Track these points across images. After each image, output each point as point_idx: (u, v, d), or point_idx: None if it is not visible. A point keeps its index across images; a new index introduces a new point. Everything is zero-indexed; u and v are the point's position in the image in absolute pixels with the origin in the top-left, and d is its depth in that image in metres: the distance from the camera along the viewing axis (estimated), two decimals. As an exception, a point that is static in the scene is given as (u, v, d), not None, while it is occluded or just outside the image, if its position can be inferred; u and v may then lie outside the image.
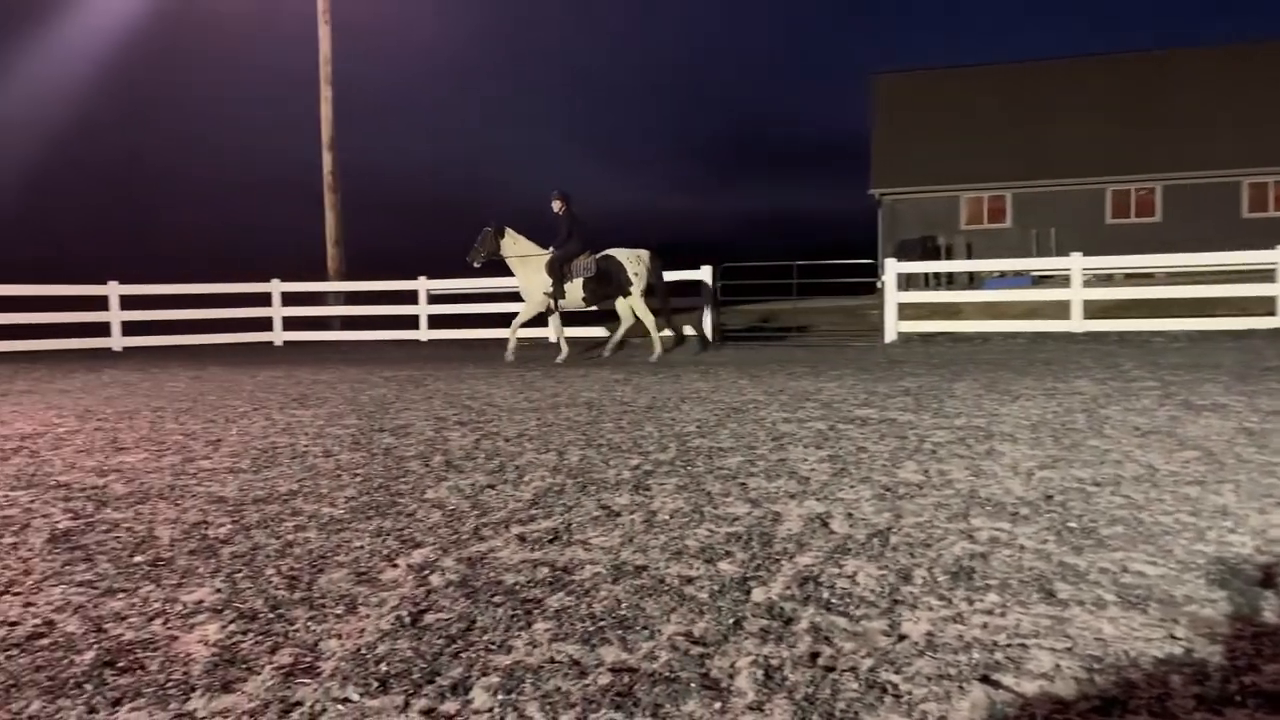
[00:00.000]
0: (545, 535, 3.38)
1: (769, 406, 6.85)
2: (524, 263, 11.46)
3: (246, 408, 7.49)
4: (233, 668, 2.25)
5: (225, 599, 2.75)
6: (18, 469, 4.89)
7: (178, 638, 2.45)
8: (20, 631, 2.51)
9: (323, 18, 19.53)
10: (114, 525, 3.64)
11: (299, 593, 2.79)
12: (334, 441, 5.63)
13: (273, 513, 3.81)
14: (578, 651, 2.31)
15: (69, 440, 5.88)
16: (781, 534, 3.34)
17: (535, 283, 11.38)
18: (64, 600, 2.76)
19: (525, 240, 11.46)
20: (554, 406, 7.17)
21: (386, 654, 2.31)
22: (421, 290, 17.67)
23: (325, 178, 19.65)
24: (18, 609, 2.69)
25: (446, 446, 5.36)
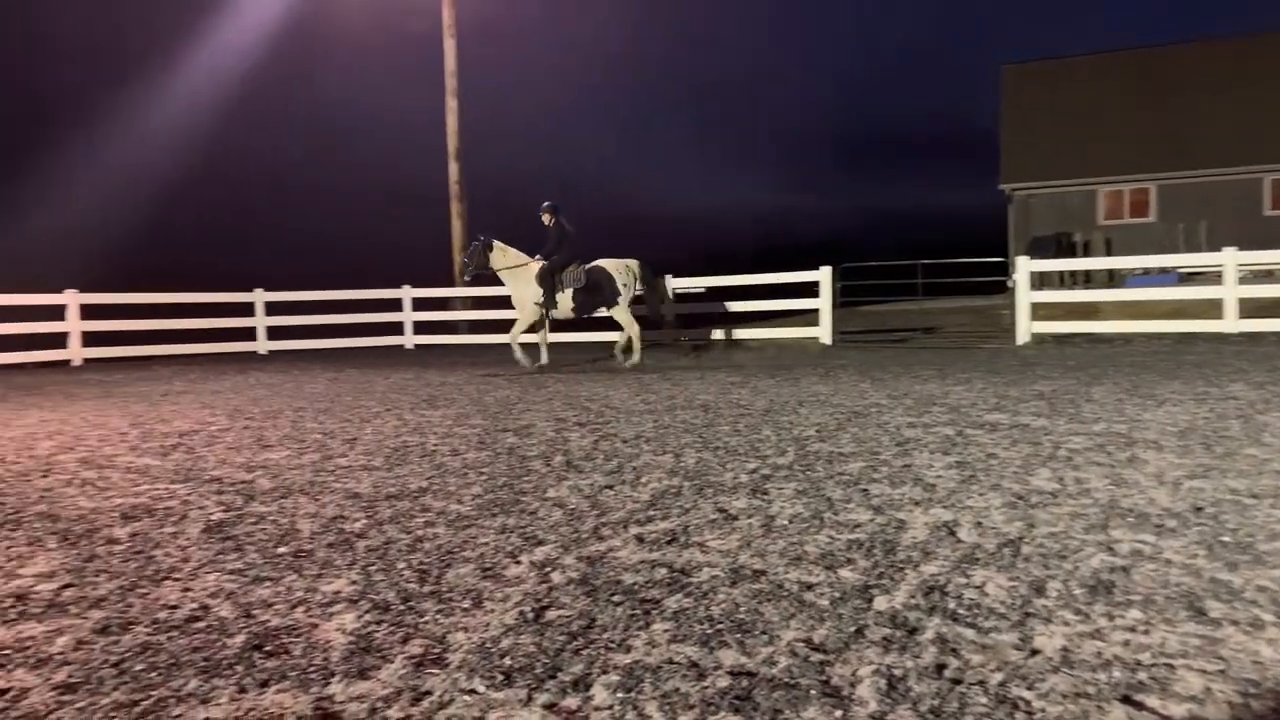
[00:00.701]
0: (663, 537, 3.40)
1: (892, 411, 6.68)
2: (514, 274, 11.68)
3: (380, 408, 7.84)
4: (368, 655, 2.36)
5: (361, 590, 2.89)
6: (176, 464, 5.28)
7: (318, 625, 2.59)
8: (180, 614, 2.71)
9: (448, 32, 20.25)
10: (260, 518, 3.88)
11: (428, 586, 2.91)
12: (461, 441, 5.83)
13: (404, 509, 3.98)
14: (696, 653, 2.31)
15: (220, 438, 6.30)
16: (905, 542, 3.25)
17: (527, 293, 11.60)
18: (217, 587, 2.97)
19: (515, 252, 11.71)
20: (670, 409, 7.20)
21: (510, 648, 2.38)
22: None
23: (452, 187, 20.36)
24: (177, 594, 2.91)
25: (566, 447, 5.46)
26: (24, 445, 6.17)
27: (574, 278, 11.41)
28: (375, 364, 14.00)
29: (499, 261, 11.57)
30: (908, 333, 16.78)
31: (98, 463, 5.37)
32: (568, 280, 11.41)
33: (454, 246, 20.31)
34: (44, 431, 6.86)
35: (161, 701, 2.12)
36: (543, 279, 11.38)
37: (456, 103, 20.30)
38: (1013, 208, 28.03)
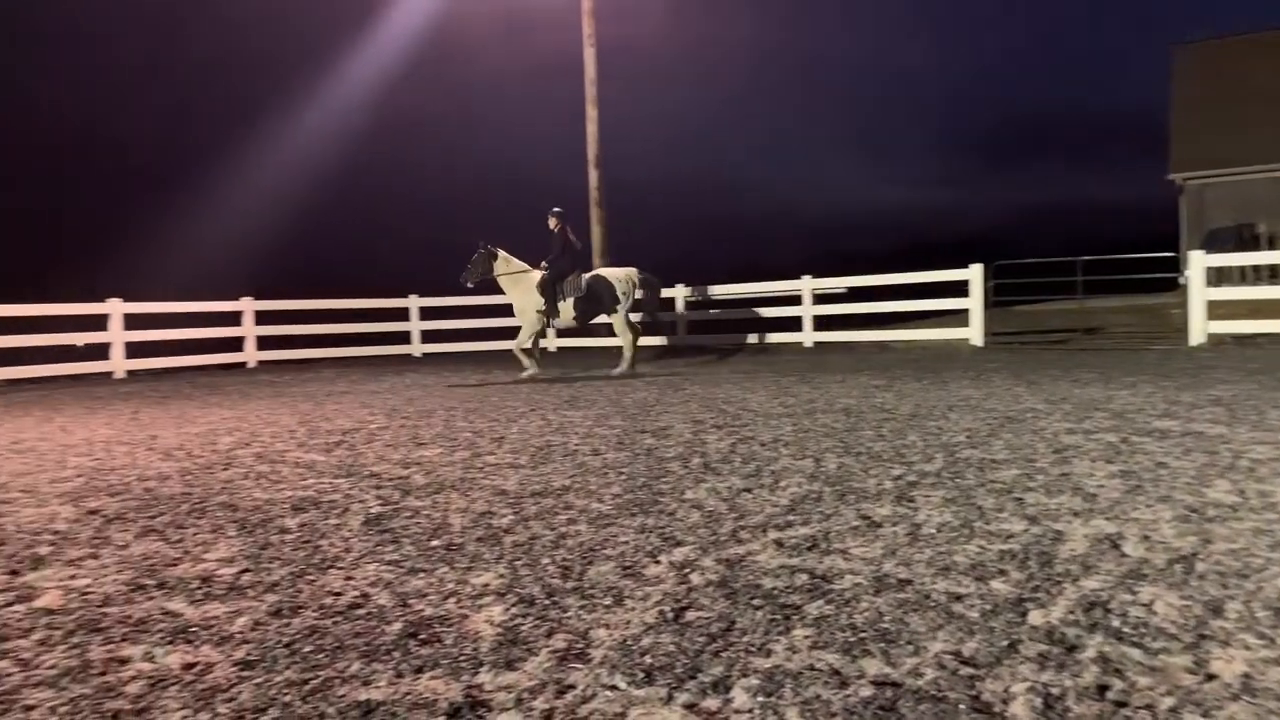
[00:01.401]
0: (803, 542, 3.36)
1: (1050, 416, 6.33)
2: (515, 282, 11.74)
3: (524, 409, 8.09)
4: (514, 647, 2.45)
5: (508, 584, 2.99)
6: (339, 460, 5.62)
7: (468, 616, 2.70)
8: (343, 601, 2.89)
9: (588, 41, 20.68)
10: (415, 512, 4.09)
11: (571, 582, 2.98)
12: (601, 441, 5.94)
13: (548, 506, 4.09)
14: (838, 661, 2.27)
15: (379, 435, 6.67)
16: (1064, 554, 3.07)
17: (529, 302, 11.66)
18: (376, 576, 3.14)
19: (517, 261, 11.77)
20: (810, 412, 7.09)
21: (651, 646, 2.41)
22: (679, 297, 18.18)
23: (592, 194, 20.78)
24: (340, 581, 3.10)
25: (704, 449, 5.47)
26: (207, 440, 6.73)
27: (575, 287, 11.57)
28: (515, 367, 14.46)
29: (501, 269, 11.72)
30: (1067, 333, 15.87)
31: (271, 457, 5.79)
32: (569, 289, 11.56)
33: (595, 252, 20.72)
34: (224, 428, 7.46)
35: (328, 681, 2.27)
36: (544, 288, 11.53)
37: (596, 111, 20.69)
38: (1185, 198, 26.02)
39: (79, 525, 4.02)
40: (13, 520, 4.16)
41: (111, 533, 3.86)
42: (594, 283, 11.63)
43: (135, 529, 3.92)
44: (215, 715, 2.10)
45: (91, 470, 5.51)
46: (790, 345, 17.08)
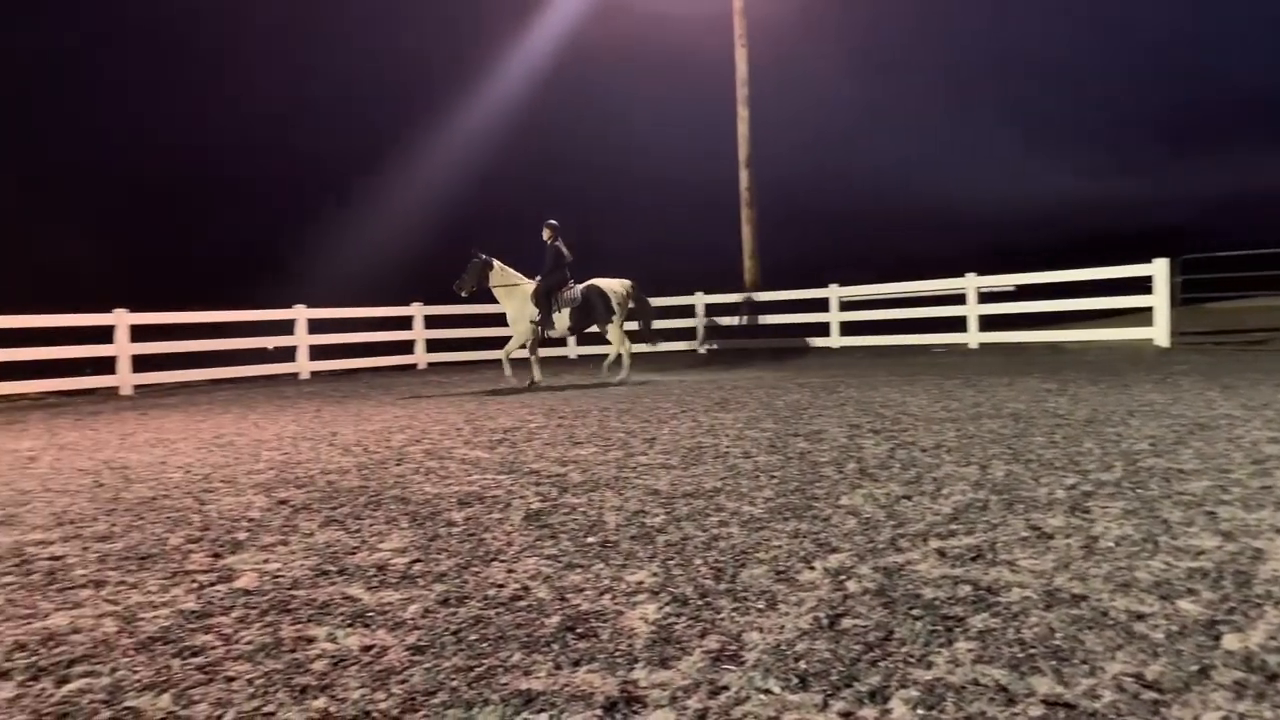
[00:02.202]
0: (967, 552, 3.22)
1: (1248, 424, 5.79)
2: (510, 293, 11.87)
3: (675, 410, 8.16)
4: (668, 646, 2.47)
5: (661, 582, 3.03)
6: (501, 457, 5.86)
7: (623, 613, 2.76)
8: (505, 593, 3.01)
9: (739, 41, 20.60)
10: (572, 509, 4.20)
11: (724, 584, 2.98)
12: (752, 444, 5.91)
13: (700, 507, 4.11)
14: (1005, 677, 2.16)
15: (538, 434, 6.90)
16: (1264, 574, 2.81)
17: (523, 312, 11.79)
18: (536, 570, 3.26)
19: (512, 272, 11.90)
20: (975, 417, 6.78)
21: (805, 652, 2.37)
22: (833, 298, 17.81)
23: (742, 194, 20.69)
24: (503, 574, 3.23)
25: (860, 454, 5.34)
26: (382, 437, 7.17)
27: (570, 297, 11.77)
28: (671, 367, 14.58)
29: (497, 280, 11.86)
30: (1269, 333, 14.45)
31: (439, 454, 6.10)
32: (564, 300, 11.76)
33: (744, 252, 20.62)
34: (397, 426, 7.92)
35: (491, 669, 2.37)
36: (539, 299, 11.70)
37: (748, 111, 20.59)
38: None
39: (271, 514, 4.38)
40: (215, 508, 4.58)
41: (299, 521, 4.18)
42: (589, 293, 11.88)
43: (319, 519, 4.23)
44: (390, 695, 2.24)
45: (281, 464, 5.98)
46: (953, 346, 16.40)
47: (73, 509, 4.67)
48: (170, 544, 3.83)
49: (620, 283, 12.22)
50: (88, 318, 13.59)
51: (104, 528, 4.19)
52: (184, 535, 3.98)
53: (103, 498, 4.97)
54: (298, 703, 2.22)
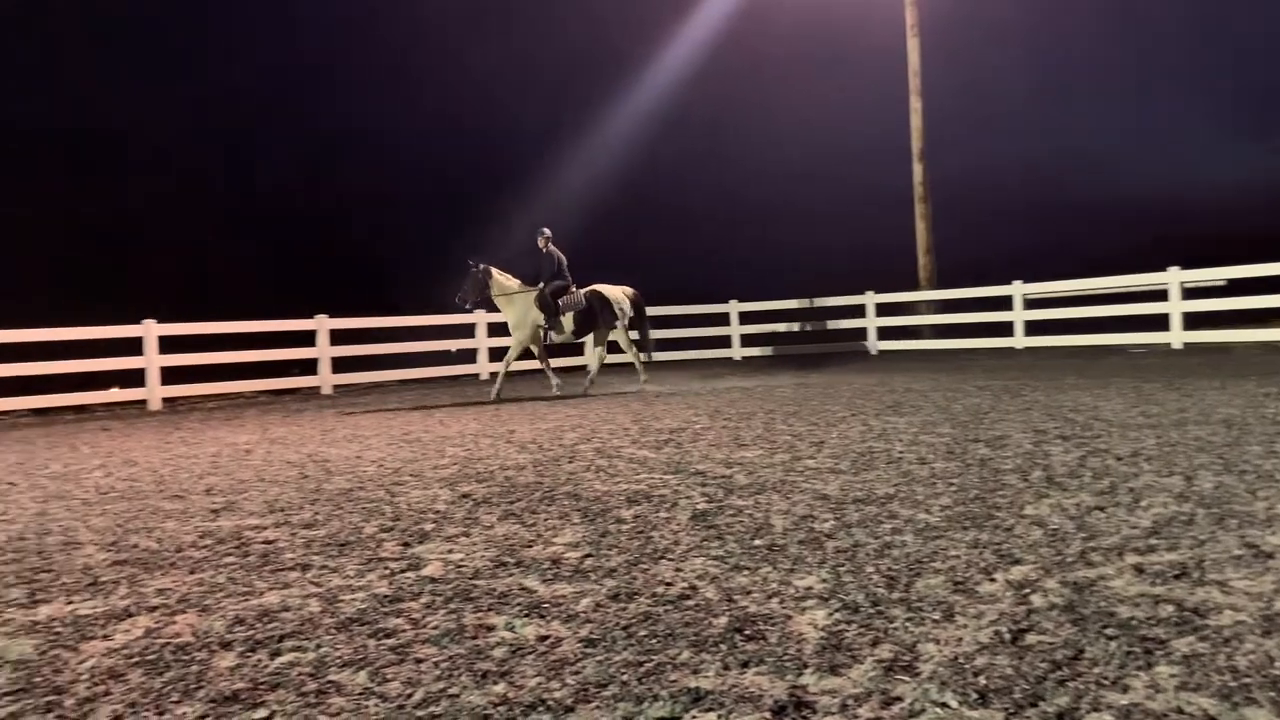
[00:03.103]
0: (1169, 569, 2.97)
1: None
2: (510, 300, 11.86)
3: (845, 413, 7.98)
4: (838, 653, 2.43)
5: (830, 589, 2.98)
6: (668, 457, 5.93)
7: (791, 617, 2.73)
8: (673, 592, 3.05)
9: (910, 31, 19.88)
10: (738, 511, 4.20)
11: (897, 593, 2.89)
12: (928, 449, 5.69)
13: (871, 514, 4.00)
14: (1214, 706, 1.98)
15: (703, 435, 6.94)
16: None
17: (526, 319, 11.80)
18: (703, 570, 3.28)
19: (510, 278, 11.92)
20: (1179, 424, 6.23)
21: (985, 667, 2.27)
22: (1017, 296, 16.87)
23: (915, 188, 19.95)
24: (671, 572, 3.27)
25: (1047, 461, 5.03)
26: (554, 436, 7.42)
27: (574, 302, 11.82)
28: (839, 369, 14.27)
29: (496, 289, 11.84)
30: None
31: (608, 452, 6.25)
32: (568, 305, 11.81)
33: (918, 249, 19.87)
34: (568, 425, 8.18)
35: (660, 666, 2.41)
36: (544, 305, 11.74)
37: (920, 102, 19.84)
38: None
39: (454, 507, 4.63)
40: (404, 500, 4.89)
41: (480, 514, 4.40)
42: (592, 298, 11.94)
43: (498, 512, 4.43)
44: (564, 685, 2.32)
45: (464, 459, 6.32)
46: (1153, 346, 15.14)
47: (282, 498, 5.12)
48: (365, 532, 4.13)
49: (623, 290, 12.36)
50: (294, 323, 14.87)
51: (309, 516, 4.57)
52: (377, 525, 4.28)
53: (307, 488, 5.42)
54: (479, 687, 2.34)
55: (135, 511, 4.91)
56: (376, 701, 2.28)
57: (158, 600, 3.21)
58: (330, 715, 2.21)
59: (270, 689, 2.39)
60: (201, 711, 2.27)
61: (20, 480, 6.35)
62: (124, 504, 5.17)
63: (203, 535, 4.22)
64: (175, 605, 3.14)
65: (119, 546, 4.08)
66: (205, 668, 2.56)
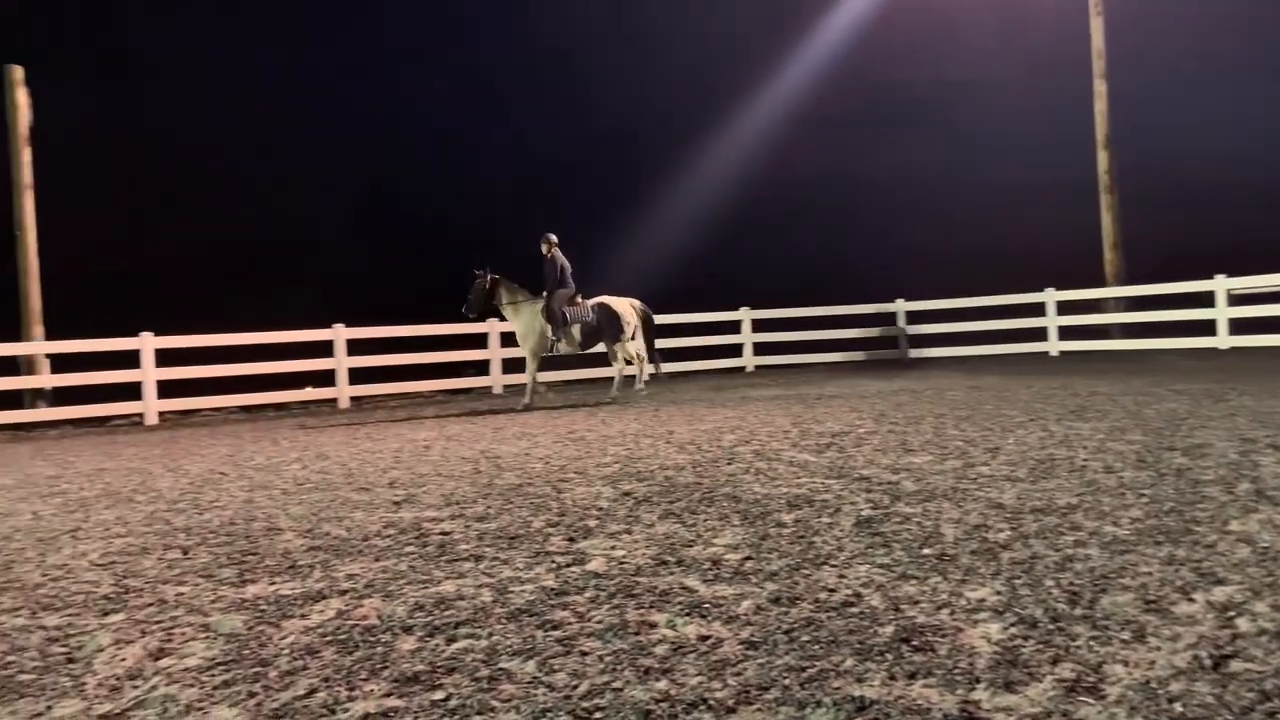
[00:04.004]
0: None
1: None
2: (517, 310, 11.70)
3: (1022, 418, 7.55)
4: (1014, 669, 2.31)
5: (1005, 602, 2.83)
6: (830, 461, 5.81)
7: (962, 630, 2.62)
8: (836, 598, 2.99)
9: (1094, 9, 18.56)
10: (906, 518, 4.06)
11: (1080, 609, 2.72)
12: (1115, 457, 5.30)
13: (1051, 524, 3.77)
14: None
15: (868, 440, 6.75)
16: None
17: (534, 328, 11.61)
18: (868, 578, 3.20)
19: (517, 287, 11.73)
20: None
21: (1181, 694, 2.09)
22: (1220, 291, 15.44)
23: (1101, 178, 18.62)
24: (834, 578, 3.21)
25: (1257, 473, 4.57)
26: (713, 437, 7.44)
27: (582, 313, 11.68)
28: (1017, 371, 13.51)
29: (504, 298, 11.67)
30: None
31: (767, 455, 6.20)
32: (576, 315, 11.66)
33: (1104, 243, 18.53)
34: (727, 427, 8.17)
35: (823, 672, 2.37)
36: (551, 315, 11.53)
37: (1105, 86, 18.49)
38: None
39: (616, 504, 4.74)
40: (569, 496, 5.04)
41: (641, 513, 4.48)
42: (600, 310, 11.85)
43: (658, 511, 4.49)
44: (725, 686, 2.32)
45: (625, 458, 6.44)
46: None
47: (457, 492, 5.40)
48: (533, 526, 4.29)
49: (630, 301, 12.20)
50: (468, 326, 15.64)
51: (481, 509, 4.80)
52: (544, 519, 4.44)
53: (480, 483, 5.69)
54: (642, 682, 2.38)
55: (327, 502, 5.31)
56: (544, 691, 2.37)
57: (347, 584, 3.46)
58: (502, 701, 2.32)
59: (447, 673, 2.53)
60: (386, 690, 2.43)
61: (230, 471, 7.01)
62: (318, 494, 5.60)
63: (386, 525, 4.51)
64: (362, 590, 3.38)
65: (314, 533, 4.42)
66: (389, 649, 2.73)
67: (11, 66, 13.62)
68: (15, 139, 13.59)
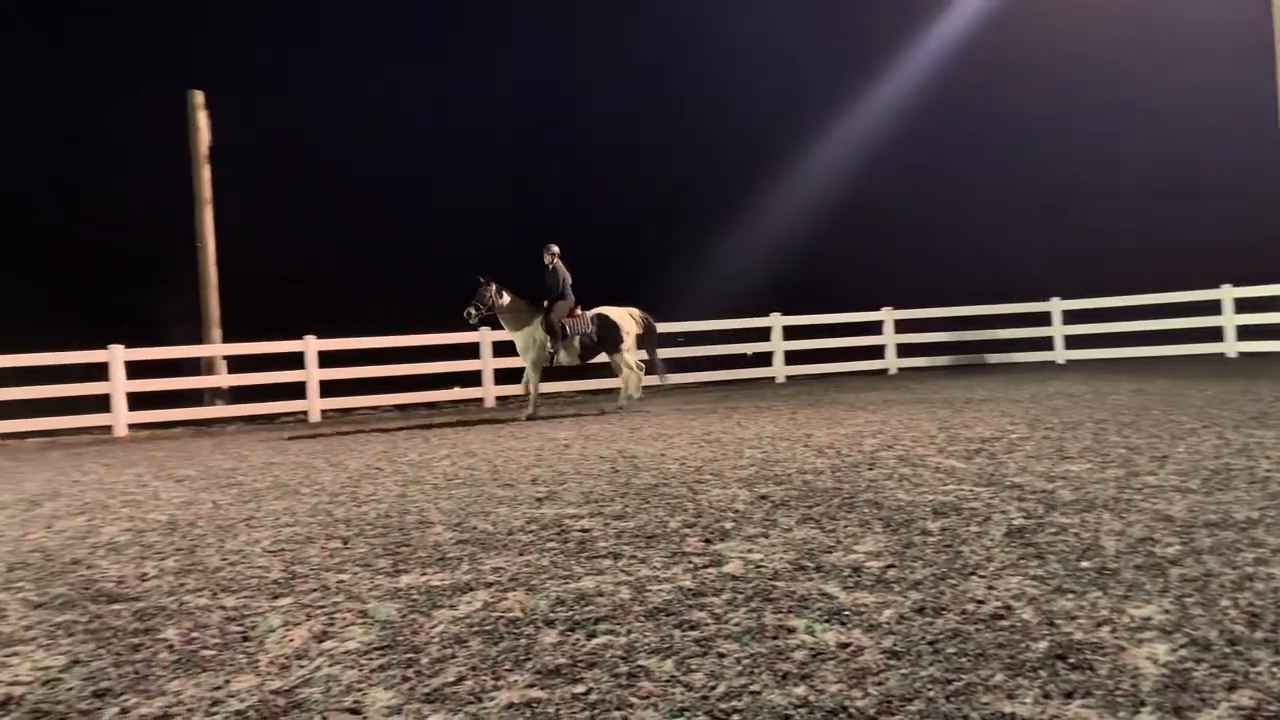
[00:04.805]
0: None
1: None
2: (517, 320, 11.53)
3: (1194, 424, 7.01)
4: (1184, 694, 2.15)
5: (1175, 621, 2.64)
6: (979, 468, 5.57)
7: (1125, 649, 2.46)
8: (985, 610, 2.87)
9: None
10: (1061, 529, 3.85)
11: (1260, 632, 2.50)
12: (1304, 469, 4.84)
13: (1227, 540, 3.49)
14: None
15: (1020, 446, 6.43)
16: None
17: (534, 339, 11.47)
18: (1020, 590, 3.05)
19: (517, 297, 11.54)
20: None
21: (1385, 733, 1.89)
22: None
23: (1289, 164, 17.02)
24: (982, 590, 3.08)
25: None
26: (853, 441, 7.27)
27: (581, 325, 11.53)
28: (1188, 374, 12.54)
29: (503, 306, 11.46)
30: None
31: (912, 461, 6.01)
32: (576, 328, 11.50)
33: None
34: (868, 431, 7.97)
35: (970, 686, 2.28)
36: (550, 327, 11.39)
37: (1296, 62, 16.87)
38: None
39: (753, 507, 4.70)
40: (705, 498, 5.05)
41: (778, 517, 4.43)
42: (600, 320, 11.69)
43: (796, 515, 4.43)
44: (866, 695, 2.27)
45: (761, 461, 6.39)
46: None
47: (596, 490, 5.50)
48: (670, 527, 4.32)
49: (630, 311, 12.00)
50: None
51: (619, 508, 4.87)
52: (681, 520, 4.46)
53: (618, 482, 5.78)
54: (780, 687, 2.36)
55: (474, 497, 5.53)
56: (682, 690, 2.38)
57: (493, 577, 3.59)
58: (640, 698, 2.35)
59: (587, 667, 2.58)
60: (529, 681, 2.51)
61: (385, 466, 7.40)
62: (465, 490, 5.84)
63: (529, 521, 4.66)
64: (507, 583, 3.50)
65: (461, 527, 4.61)
66: (532, 642, 2.82)
67: (193, 91, 14.88)
68: (196, 158, 14.84)
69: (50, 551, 4.60)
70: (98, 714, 2.47)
